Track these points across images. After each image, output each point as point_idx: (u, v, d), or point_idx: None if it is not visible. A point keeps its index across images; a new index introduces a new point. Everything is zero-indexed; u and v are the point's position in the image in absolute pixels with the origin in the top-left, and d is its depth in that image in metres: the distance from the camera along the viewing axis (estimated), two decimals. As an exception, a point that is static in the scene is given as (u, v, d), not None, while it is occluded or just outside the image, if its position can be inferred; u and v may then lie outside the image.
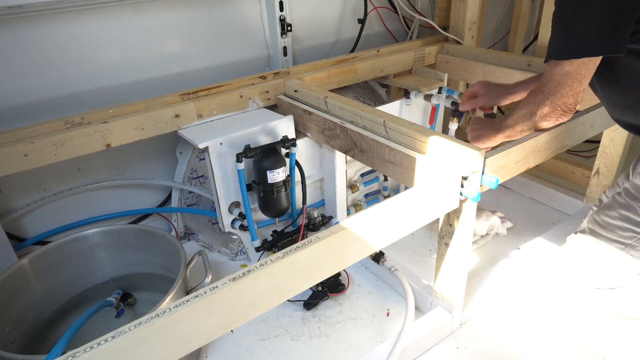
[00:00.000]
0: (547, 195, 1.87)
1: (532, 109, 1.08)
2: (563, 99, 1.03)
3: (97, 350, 0.65)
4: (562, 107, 1.04)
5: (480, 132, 1.21)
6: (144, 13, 1.49)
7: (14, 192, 1.46)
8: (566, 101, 1.03)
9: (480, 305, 1.35)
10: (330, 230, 0.85)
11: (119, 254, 1.39)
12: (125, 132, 1.33)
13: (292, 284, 0.84)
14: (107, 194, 1.65)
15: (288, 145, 1.43)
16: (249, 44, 1.76)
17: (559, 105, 1.04)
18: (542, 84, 1.05)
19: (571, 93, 1.02)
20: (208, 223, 1.67)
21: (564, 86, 1.01)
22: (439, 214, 1.08)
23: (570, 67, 0.99)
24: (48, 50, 1.37)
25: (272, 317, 1.38)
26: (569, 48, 0.97)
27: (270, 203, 1.45)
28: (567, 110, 1.05)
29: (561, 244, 1.56)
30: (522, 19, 2.23)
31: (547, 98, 1.04)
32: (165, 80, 1.61)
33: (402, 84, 1.81)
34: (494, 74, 1.72)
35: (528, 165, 1.19)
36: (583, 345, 1.24)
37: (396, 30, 2.12)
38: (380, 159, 1.21)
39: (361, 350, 1.26)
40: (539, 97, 1.06)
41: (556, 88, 1.02)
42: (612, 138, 1.59)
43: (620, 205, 1.17)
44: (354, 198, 1.78)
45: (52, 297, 1.31)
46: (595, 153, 1.68)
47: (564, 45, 0.98)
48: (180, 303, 0.71)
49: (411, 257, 1.60)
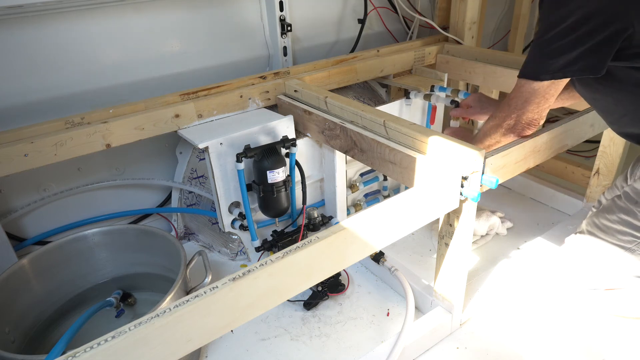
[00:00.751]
0: (547, 195, 1.87)
1: (499, 121, 1.12)
2: (528, 114, 1.07)
3: (97, 350, 0.65)
4: (526, 121, 1.08)
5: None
6: (144, 13, 1.49)
7: (14, 192, 1.46)
8: (531, 117, 1.07)
9: (480, 305, 1.35)
10: (330, 230, 0.85)
11: (119, 254, 1.39)
12: (125, 132, 1.33)
13: (292, 284, 0.84)
14: (107, 194, 1.65)
15: (288, 145, 1.43)
16: (249, 44, 1.76)
17: (523, 119, 1.08)
18: (509, 97, 1.09)
19: (537, 110, 1.06)
20: (208, 223, 1.67)
21: (531, 103, 1.04)
22: (439, 214, 1.08)
23: (539, 86, 1.01)
24: (48, 50, 1.37)
25: (272, 317, 1.38)
26: (549, 69, 0.98)
27: (270, 203, 1.45)
28: (531, 125, 1.09)
29: (561, 244, 1.56)
30: (522, 19, 2.24)
31: (513, 112, 1.08)
32: (165, 80, 1.61)
33: (402, 84, 1.81)
34: (494, 74, 1.72)
35: (528, 165, 1.19)
36: (583, 345, 1.24)
37: (396, 30, 2.12)
38: (380, 159, 1.21)
39: (361, 350, 1.26)
40: (505, 110, 1.10)
41: (523, 104, 1.05)
42: (612, 138, 1.59)
43: (620, 209, 1.17)
44: (354, 198, 1.78)
45: (52, 297, 1.31)
46: (595, 153, 1.68)
47: (543, 65, 0.99)
48: (180, 303, 0.71)
49: (411, 257, 1.60)
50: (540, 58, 0.99)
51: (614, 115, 1.12)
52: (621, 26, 0.90)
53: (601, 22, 0.90)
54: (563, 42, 0.94)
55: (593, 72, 0.95)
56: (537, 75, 1.00)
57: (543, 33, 0.98)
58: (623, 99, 1.04)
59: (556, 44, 0.95)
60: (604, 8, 0.90)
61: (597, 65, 0.94)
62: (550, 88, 1.01)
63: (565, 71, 0.97)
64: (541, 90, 1.02)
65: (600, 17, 0.90)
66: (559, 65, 0.96)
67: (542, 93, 1.02)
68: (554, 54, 0.96)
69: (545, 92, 1.02)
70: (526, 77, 1.03)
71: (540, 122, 1.09)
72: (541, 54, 0.99)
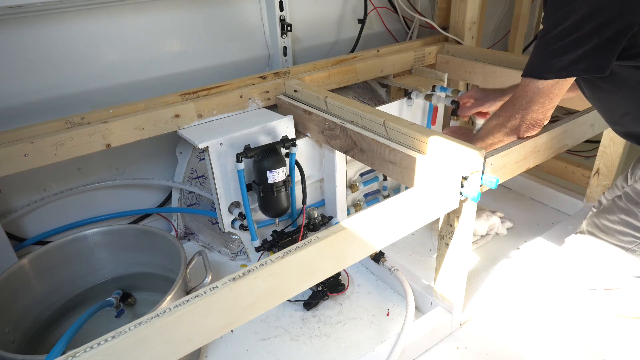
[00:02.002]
0: (547, 195, 1.87)
1: (503, 121, 1.11)
2: (532, 114, 1.05)
3: (97, 350, 0.65)
4: (531, 121, 1.07)
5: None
6: (144, 13, 1.49)
7: (14, 192, 1.46)
8: (535, 117, 1.06)
9: (480, 305, 1.35)
10: (330, 230, 0.85)
11: (119, 254, 1.39)
12: (125, 132, 1.33)
13: (292, 284, 0.84)
14: (107, 194, 1.65)
15: (288, 145, 1.43)
16: (249, 44, 1.76)
17: (527, 119, 1.06)
18: (514, 97, 1.07)
19: (541, 110, 1.04)
20: (208, 223, 1.67)
21: (535, 103, 1.03)
22: (439, 214, 1.08)
23: (544, 85, 1.00)
24: (48, 50, 1.37)
25: (272, 317, 1.38)
26: (553, 68, 0.97)
27: (270, 203, 1.45)
28: (535, 125, 1.08)
29: (561, 244, 1.56)
30: (522, 19, 2.24)
31: (517, 112, 1.07)
32: (165, 80, 1.61)
33: (402, 84, 1.81)
34: (494, 74, 1.72)
35: (528, 165, 1.19)
36: (583, 345, 1.24)
37: (396, 30, 2.12)
38: (380, 159, 1.21)
39: (361, 350, 1.26)
40: (509, 110, 1.09)
41: (527, 104, 1.04)
42: (612, 138, 1.59)
43: (620, 209, 1.17)
44: (353, 198, 1.78)
45: (52, 297, 1.31)
46: (595, 153, 1.68)
47: (547, 64, 0.97)
48: (180, 303, 0.71)
49: (411, 257, 1.60)
50: (545, 56, 0.98)
51: (615, 115, 1.11)
52: (626, 24, 0.89)
53: (606, 20, 0.89)
54: (567, 40, 0.93)
55: (598, 72, 0.94)
56: (541, 74, 0.99)
57: (547, 31, 0.97)
58: (624, 98, 1.03)
59: (560, 43, 0.94)
60: (608, 6, 0.89)
61: (602, 64, 0.93)
62: (555, 87, 1.00)
63: (570, 70, 0.95)
64: (545, 90, 1.00)
65: (604, 15, 0.89)
66: (564, 64, 0.95)
67: (547, 92, 1.01)
68: (558, 53, 0.95)
69: (549, 92, 1.01)
70: (530, 76, 1.01)
71: (544, 123, 1.08)
72: (545, 53, 0.98)
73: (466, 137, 1.19)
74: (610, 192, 1.35)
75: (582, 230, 1.28)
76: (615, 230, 1.17)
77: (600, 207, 1.30)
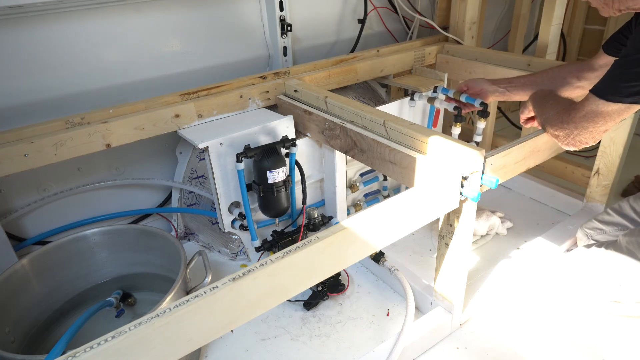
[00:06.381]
0: (547, 195, 1.87)
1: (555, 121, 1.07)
2: (582, 131, 1.02)
3: (97, 350, 0.65)
4: (575, 137, 1.04)
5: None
6: (144, 13, 1.49)
7: (14, 192, 1.46)
8: (582, 137, 1.03)
9: (480, 305, 1.35)
10: (330, 230, 0.85)
11: (119, 254, 1.38)
12: (125, 132, 1.33)
13: (292, 284, 0.84)
14: (107, 194, 1.65)
15: (288, 145, 1.43)
16: (249, 44, 1.76)
17: (573, 134, 1.04)
18: (574, 106, 1.04)
19: (592, 128, 1.01)
20: (208, 223, 1.67)
21: (588, 120, 1.00)
22: (439, 214, 1.08)
23: (604, 107, 0.97)
24: (48, 50, 1.37)
25: (272, 317, 1.38)
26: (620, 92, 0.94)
27: (270, 203, 1.45)
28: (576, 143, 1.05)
29: (561, 244, 1.56)
30: (522, 19, 2.23)
31: (569, 123, 1.04)
32: (165, 80, 1.61)
33: (402, 84, 1.81)
34: (494, 74, 1.72)
35: (528, 165, 1.19)
36: (583, 345, 1.24)
37: (396, 30, 2.12)
38: (380, 159, 1.21)
39: (361, 350, 1.26)
40: (565, 115, 1.05)
41: (581, 119, 1.01)
42: (612, 138, 1.59)
43: None
44: (353, 198, 1.78)
45: (52, 297, 1.31)
46: (595, 153, 1.68)
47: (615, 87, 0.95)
48: (180, 303, 0.71)
49: (411, 257, 1.59)
50: (615, 78, 0.96)
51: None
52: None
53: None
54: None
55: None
56: (604, 95, 0.96)
57: (627, 54, 0.95)
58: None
59: (635, 69, 0.91)
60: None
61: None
62: (614, 112, 0.96)
63: (637, 98, 0.93)
64: (604, 112, 0.97)
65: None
66: (632, 91, 0.92)
67: (604, 114, 0.97)
68: (630, 78, 0.92)
69: (607, 114, 0.97)
70: (594, 93, 0.98)
71: (588, 144, 1.05)
72: (618, 75, 0.95)
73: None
74: (635, 200, 1.33)
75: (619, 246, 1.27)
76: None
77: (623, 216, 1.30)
